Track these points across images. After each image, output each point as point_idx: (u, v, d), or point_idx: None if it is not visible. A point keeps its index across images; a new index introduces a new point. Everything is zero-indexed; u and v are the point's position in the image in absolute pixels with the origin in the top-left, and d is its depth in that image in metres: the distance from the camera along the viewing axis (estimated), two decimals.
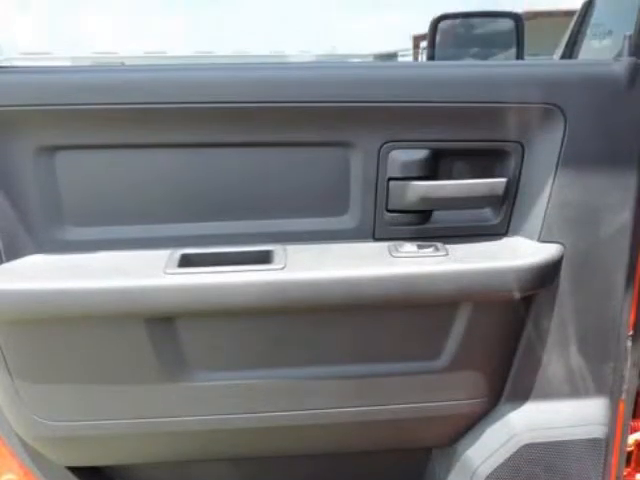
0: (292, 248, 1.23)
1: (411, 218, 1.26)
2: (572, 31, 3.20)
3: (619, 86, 1.15)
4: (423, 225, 1.27)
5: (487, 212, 1.28)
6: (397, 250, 1.23)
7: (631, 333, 1.28)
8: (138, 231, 1.23)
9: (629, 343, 1.29)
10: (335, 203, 1.25)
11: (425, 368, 1.29)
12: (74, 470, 1.42)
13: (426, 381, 1.30)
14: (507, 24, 2.43)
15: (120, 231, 1.22)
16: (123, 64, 1.47)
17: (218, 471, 1.55)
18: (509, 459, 1.35)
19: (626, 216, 1.21)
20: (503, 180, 1.22)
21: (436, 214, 1.28)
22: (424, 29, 2.52)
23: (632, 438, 1.46)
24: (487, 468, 1.36)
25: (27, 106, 1.12)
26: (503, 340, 1.31)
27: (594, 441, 1.34)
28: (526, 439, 1.34)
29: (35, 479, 1.37)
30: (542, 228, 1.23)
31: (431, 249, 1.23)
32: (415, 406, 1.32)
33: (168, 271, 1.15)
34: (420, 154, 1.20)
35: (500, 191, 1.22)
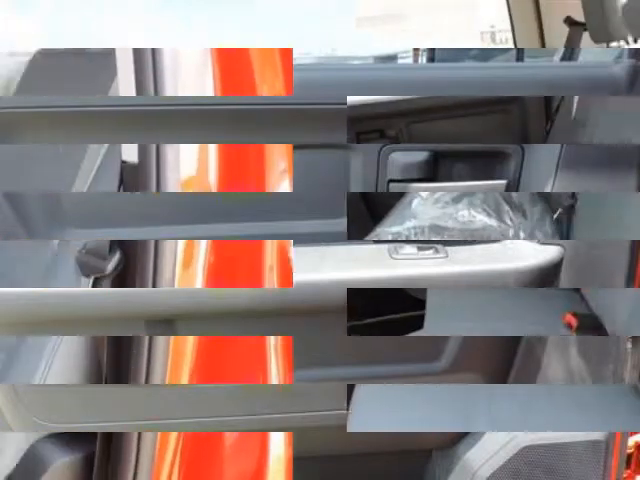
0: (292, 250, 1.23)
1: None
2: None
3: (619, 88, 1.15)
4: None
5: None
6: (397, 252, 1.23)
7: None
8: (137, 233, 1.23)
9: (629, 345, 1.29)
10: (335, 205, 1.25)
11: (425, 370, 1.29)
12: None
13: (426, 383, 1.30)
14: None
15: (119, 233, 1.22)
16: None
17: None
18: (509, 461, 1.34)
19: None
20: (503, 182, 1.22)
21: None
22: None
23: (632, 440, 1.45)
24: (487, 470, 1.36)
25: (26, 108, 1.11)
26: (503, 342, 1.30)
27: (594, 443, 1.34)
28: (526, 441, 1.34)
29: None
30: None
31: (431, 251, 1.23)
32: None
33: None
34: (420, 156, 1.20)
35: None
